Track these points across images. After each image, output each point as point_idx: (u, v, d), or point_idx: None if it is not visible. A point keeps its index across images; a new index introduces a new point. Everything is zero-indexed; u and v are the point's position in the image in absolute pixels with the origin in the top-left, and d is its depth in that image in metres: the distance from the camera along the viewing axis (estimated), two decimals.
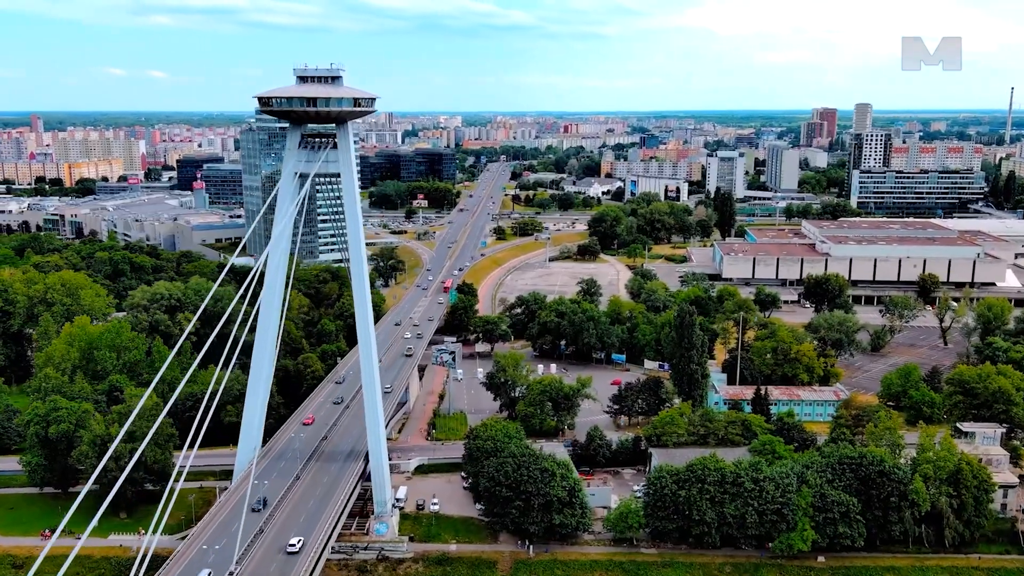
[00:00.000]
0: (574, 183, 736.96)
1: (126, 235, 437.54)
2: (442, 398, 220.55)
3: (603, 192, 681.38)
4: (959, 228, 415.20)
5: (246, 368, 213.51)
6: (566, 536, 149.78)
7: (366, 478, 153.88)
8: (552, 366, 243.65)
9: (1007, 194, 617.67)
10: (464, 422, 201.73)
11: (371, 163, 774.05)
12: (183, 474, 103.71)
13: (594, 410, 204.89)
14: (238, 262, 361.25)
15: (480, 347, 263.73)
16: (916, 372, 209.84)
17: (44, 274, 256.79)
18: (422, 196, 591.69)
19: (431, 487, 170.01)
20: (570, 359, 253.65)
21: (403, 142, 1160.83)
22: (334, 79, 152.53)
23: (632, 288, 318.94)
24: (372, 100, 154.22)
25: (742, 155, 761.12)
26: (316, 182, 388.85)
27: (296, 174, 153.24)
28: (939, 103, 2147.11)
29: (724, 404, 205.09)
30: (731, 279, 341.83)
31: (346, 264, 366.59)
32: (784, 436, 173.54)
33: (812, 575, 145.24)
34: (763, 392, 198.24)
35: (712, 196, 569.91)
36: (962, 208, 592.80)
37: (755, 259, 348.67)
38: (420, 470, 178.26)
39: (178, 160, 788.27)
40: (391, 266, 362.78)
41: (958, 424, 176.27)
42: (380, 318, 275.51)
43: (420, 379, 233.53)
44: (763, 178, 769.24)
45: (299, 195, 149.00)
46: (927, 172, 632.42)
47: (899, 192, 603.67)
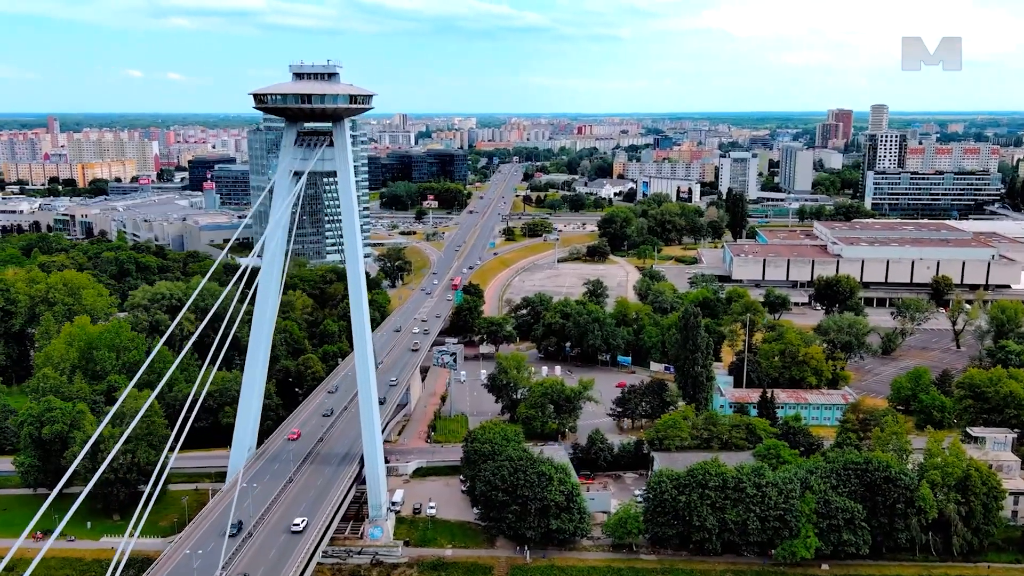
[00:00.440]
0: (586, 184, 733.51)
1: (135, 235, 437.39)
2: (444, 400, 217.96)
3: (615, 193, 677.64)
4: (974, 230, 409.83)
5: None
6: (564, 541, 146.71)
7: (362, 481, 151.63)
8: (556, 368, 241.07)
9: None
10: (465, 424, 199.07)
11: (382, 164, 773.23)
12: (164, 476, 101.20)
13: (598, 413, 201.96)
14: (244, 263, 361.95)
15: (484, 348, 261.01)
16: (926, 375, 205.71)
17: (47, 274, 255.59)
18: (432, 197, 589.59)
19: (429, 490, 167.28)
20: (575, 361, 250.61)
21: (416, 143, 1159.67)
22: (331, 76, 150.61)
23: (640, 289, 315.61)
24: (368, 97, 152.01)
25: (755, 156, 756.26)
26: (324, 182, 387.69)
27: (292, 172, 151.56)
28: (957, 105, 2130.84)
29: (729, 407, 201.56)
30: (741, 281, 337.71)
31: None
32: (790, 440, 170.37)
33: None
34: (769, 395, 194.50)
35: (724, 197, 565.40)
36: (978, 210, 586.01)
37: (765, 260, 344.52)
38: (419, 473, 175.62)
39: (190, 161, 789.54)
40: (398, 267, 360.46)
41: (968, 429, 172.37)
42: (384, 319, 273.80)
43: (422, 381, 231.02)
44: (777, 179, 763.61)
45: (294, 193, 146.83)
46: (942, 173, 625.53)
47: (914, 193, 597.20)
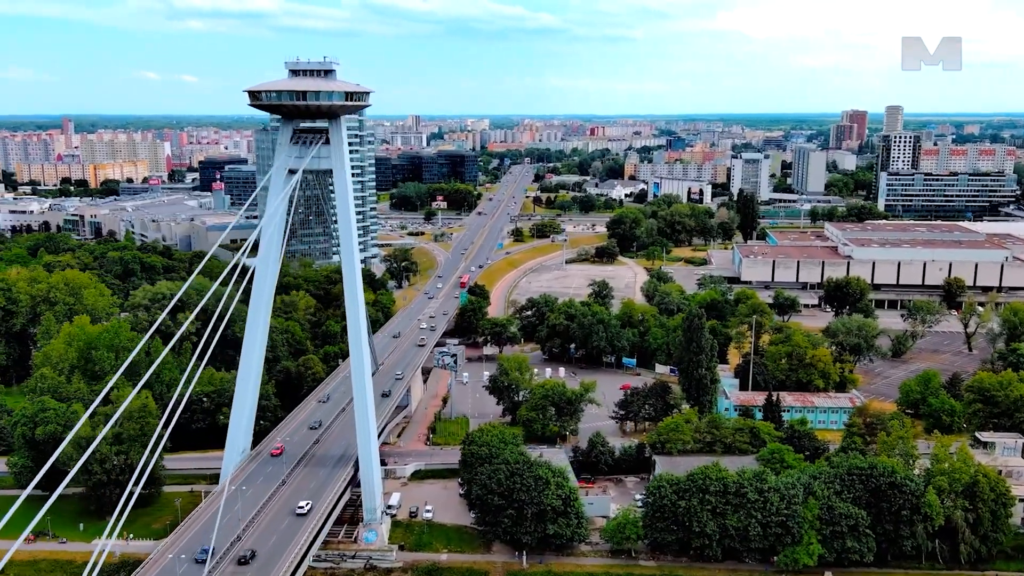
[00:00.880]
0: (596, 185, 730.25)
1: (143, 235, 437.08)
2: (445, 402, 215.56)
3: (626, 194, 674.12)
4: (988, 231, 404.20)
5: None
6: (562, 547, 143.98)
7: (357, 484, 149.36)
8: (560, 370, 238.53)
9: None
10: (466, 426, 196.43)
11: (392, 165, 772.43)
12: (144, 479, 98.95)
13: (600, 415, 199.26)
14: (249, 262, 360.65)
15: (488, 350, 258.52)
16: (936, 379, 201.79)
17: (49, 273, 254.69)
18: (441, 198, 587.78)
19: (426, 494, 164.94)
20: (580, 363, 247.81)
21: (428, 145, 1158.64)
22: (327, 73, 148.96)
23: (647, 291, 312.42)
24: (365, 94, 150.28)
25: (767, 157, 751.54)
26: (331, 182, 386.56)
27: (288, 170, 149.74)
28: (974, 107, 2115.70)
29: (734, 410, 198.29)
30: (750, 282, 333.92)
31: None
32: (794, 444, 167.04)
33: None
34: (775, 398, 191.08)
35: (735, 198, 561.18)
36: (993, 211, 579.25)
37: (775, 262, 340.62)
38: (417, 476, 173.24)
39: (200, 162, 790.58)
40: (404, 268, 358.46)
41: (977, 434, 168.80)
42: (388, 319, 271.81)
43: (424, 382, 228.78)
44: (790, 181, 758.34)
45: (289, 192, 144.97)
46: (957, 174, 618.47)
47: (928, 195, 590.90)
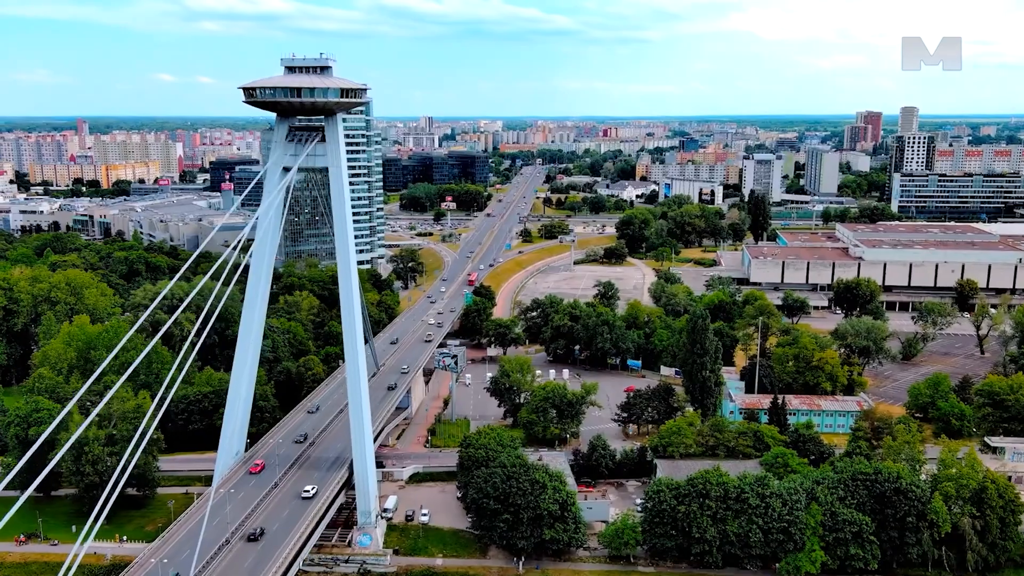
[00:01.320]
0: (607, 186, 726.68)
1: (151, 235, 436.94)
2: (447, 403, 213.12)
3: (637, 195, 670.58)
4: (1002, 232, 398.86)
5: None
6: (559, 552, 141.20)
7: (353, 486, 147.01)
8: (565, 371, 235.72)
9: None
10: (467, 429, 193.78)
11: (403, 165, 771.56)
12: (123, 480, 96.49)
13: (603, 418, 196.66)
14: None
15: (492, 351, 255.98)
16: (946, 382, 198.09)
17: (52, 272, 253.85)
18: (450, 198, 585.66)
19: (424, 497, 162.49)
20: (584, 364, 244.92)
21: (440, 146, 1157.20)
22: (323, 69, 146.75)
23: (655, 292, 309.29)
24: (361, 91, 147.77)
25: (780, 158, 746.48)
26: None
27: (283, 168, 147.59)
28: (990, 108, 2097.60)
29: (739, 413, 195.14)
30: (759, 283, 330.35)
31: (360, 265, 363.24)
32: (799, 448, 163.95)
33: None
34: (780, 401, 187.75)
35: (746, 199, 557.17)
36: (1008, 213, 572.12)
37: (784, 263, 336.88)
38: (415, 478, 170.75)
39: (211, 162, 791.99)
40: (410, 268, 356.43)
41: (986, 439, 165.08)
42: (392, 320, 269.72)
43: (426, 384, 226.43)
44: (802, 182, 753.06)
45: (279, 189, 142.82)
46: (971, 175, 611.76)
47: (942, 196, 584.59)
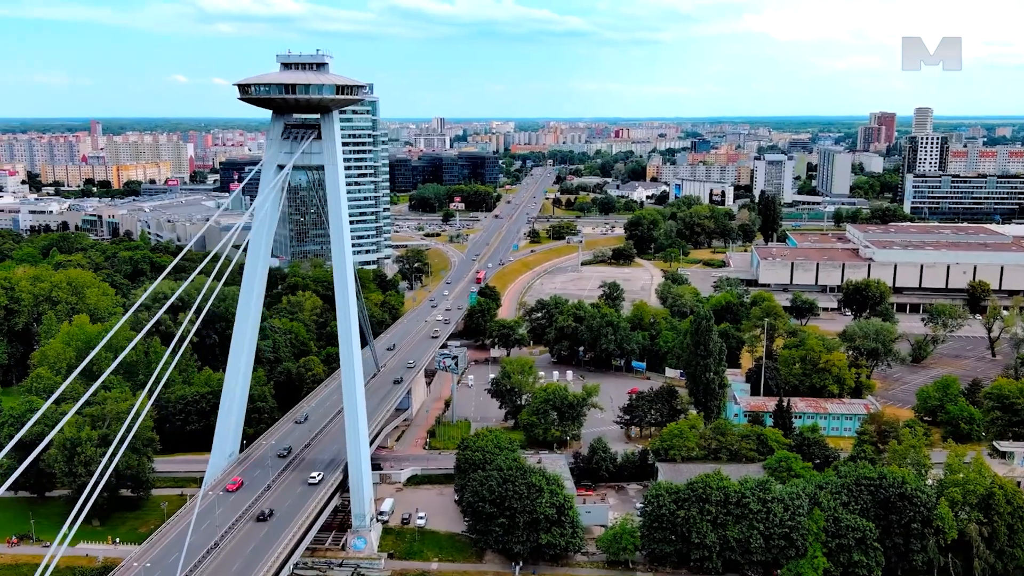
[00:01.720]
0: (618, 187, 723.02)
1: (158, 235, 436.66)
2: (448, 405, 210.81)
3: (647, 196, 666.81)
4: (1016, 234, 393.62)
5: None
6: (556, 556, 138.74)
7: (347, 488, 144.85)
8: (568, 373, 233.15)
9: None
10: (467, 431, 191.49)
11: (413, 166, 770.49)
12: (103, 481, 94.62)
13: (605, 420, 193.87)
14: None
15: (496, 352, 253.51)
16: (955, 385, 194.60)
17: (54, 272, 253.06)
18: (459, 199, 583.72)
19: (421, 499, 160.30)
20: (588, 366, 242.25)
21: (451, 147, 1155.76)
22: (319, 66, 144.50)
23: (661, 293, 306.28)
24: (357, 88, 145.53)
25: (791, 159, 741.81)
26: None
27: (279, 166, 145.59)
28: (1008, 109, 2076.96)
29: (744, 416, 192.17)
30: (768, 285, 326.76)
31: (366, 266, 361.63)
32: (803, 452, 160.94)
33: None
34: (785, 404, 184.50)
35: (757, 200, 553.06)
36: (1022, 214, 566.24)
37: (793, 264, 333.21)
38: (412, 481, 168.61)
39: (221, 163, 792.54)
40: (416, 269, 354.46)
41: (996, 443, 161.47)
42: (396, 320, 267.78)
43: (428, 385, 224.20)
44: (815, 183, 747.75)
45: (272, 186, 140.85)
46: (985, 176, 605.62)
47: (955, 197, 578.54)
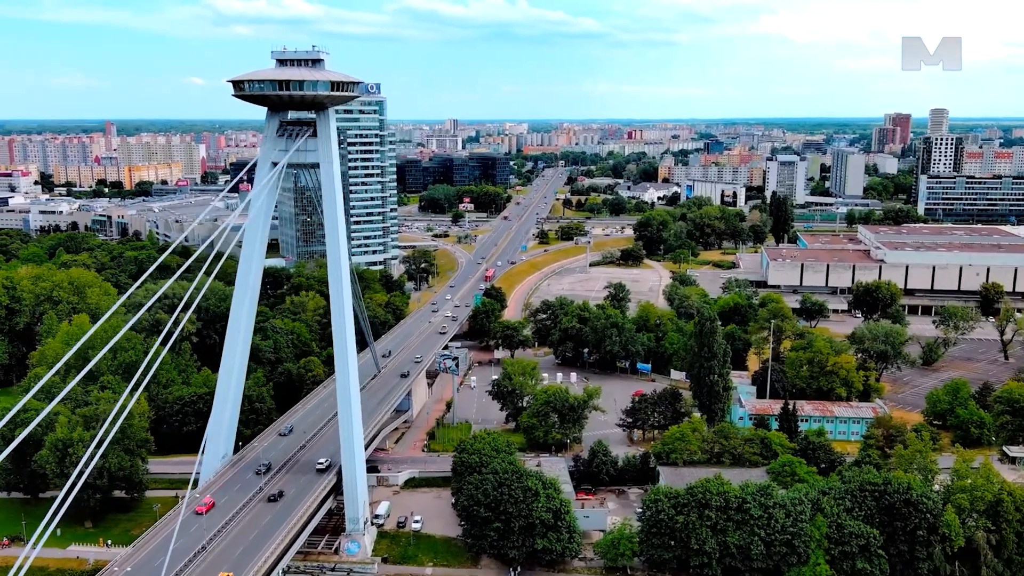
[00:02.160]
0: (629, 188, 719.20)
1: (166, 235, 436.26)
2: (450, 406, 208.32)
3: (658, 197, 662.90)
4: None
5: (247, 371, 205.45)
6: (553, 562, 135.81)
7: (341, 491, 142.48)
8: (572, 374, 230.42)
9: None
10: (468, 433, 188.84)
11: (423, 167, 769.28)
12: (82, 481, 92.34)
13: (608, 423, 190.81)
14: (267, 263, 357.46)
15: (500, 353, 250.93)
16: (966, 388, 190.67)
17: (56, 272, 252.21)
18: (468, 200, 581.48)
19: (418, 503, 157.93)
20: (593, 367, 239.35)
21: (464, 148, 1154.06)
22: (315, 62, 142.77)
23: (669, 294, 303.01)
24: (353, 84, 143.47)
25: (804, 159, 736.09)
26: (349, 180, 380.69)
27: (273, 163, 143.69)
28: None
29: (749, 419, 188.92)
30: (778, 286, 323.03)
31: (373, 266, 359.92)
32: (808, 456, 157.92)
33: None
34: (791, 407, 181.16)
35: (769, 201, 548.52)
36: None
37: (803, 265, 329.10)
38: (410, 483, 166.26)
39: (231, 164, 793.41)
40: (423, 269, 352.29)
41: (1005, 448, 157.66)
42: (400, 320, 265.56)
43: (429, 387, 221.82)
44: (828, 184, 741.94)
45: (265, 183, 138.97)
46: (1000, 178, 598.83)
47: (970, 198, 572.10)
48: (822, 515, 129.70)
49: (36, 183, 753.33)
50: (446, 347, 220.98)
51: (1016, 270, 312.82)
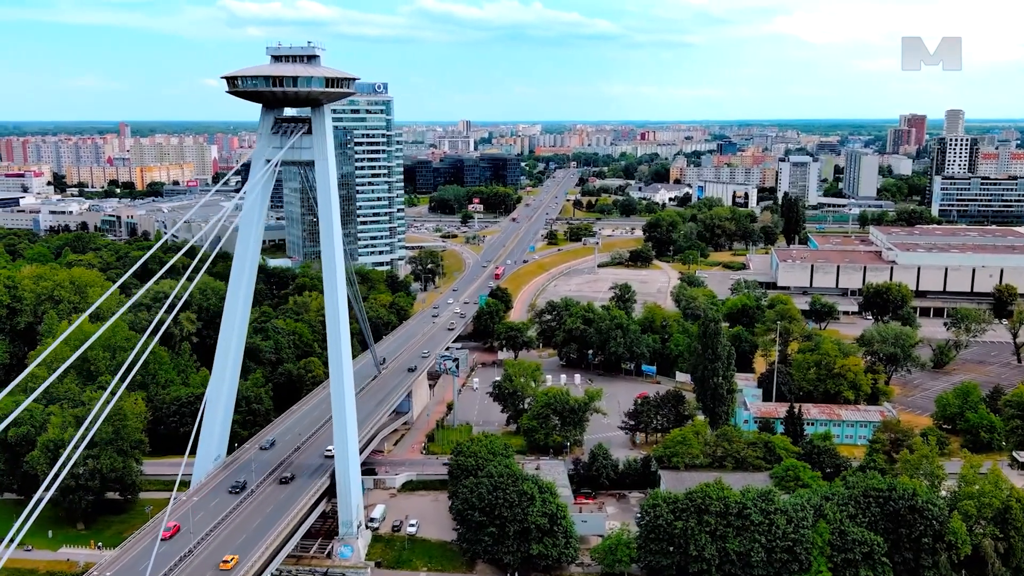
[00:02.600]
0: (640, 189, 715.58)
1: (175, 235, 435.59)
2: (451, 408, 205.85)
3: (669, 198, 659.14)
4: None
5: (247, 372, 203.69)
6: (549, 567, 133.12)
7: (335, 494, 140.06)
8: (576, 376, 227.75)
9: None
10: (468, 435, 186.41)
11: (434, 168, 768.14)
12: (58, 482, 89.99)
13: (611, 426, 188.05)
14: (274, 263, 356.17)
15: (504, 355, 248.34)
16: (976, 392, 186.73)
17: (58, 271, 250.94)
18: (477, 200, 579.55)
19: (414, 506, 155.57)
20: (598, 369, 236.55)
21: (475, 149, 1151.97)
22: (310, 59, 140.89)
23: (676, 295, 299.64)
24: (348, 81, 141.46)
25: (816, 160, 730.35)
26: (356, 181, 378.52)
27: (267, 161, 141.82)
28: None
29: (754, 423, 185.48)
30: (788, 287, 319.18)
31: (380, 267, 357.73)
32: (813, 461, 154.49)
33: None
34: (797, 410, 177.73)
35: (780, 202, 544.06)
36: None
37: (813, 266, 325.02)
38: (407, 486, 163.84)
39: (242, 164, 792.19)
40: (429, 270, 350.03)
41: (1015, 453, 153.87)
42: (404, 321, 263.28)
43: (431, 388, 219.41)
44: (841, 185, 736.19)
45: (258, 180, 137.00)
46: (1016, 178, 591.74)
47: (985, 199, 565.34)
48: (825, 521, 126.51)
49: (49, 184, 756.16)
50: (447, 348, 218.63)
51: None
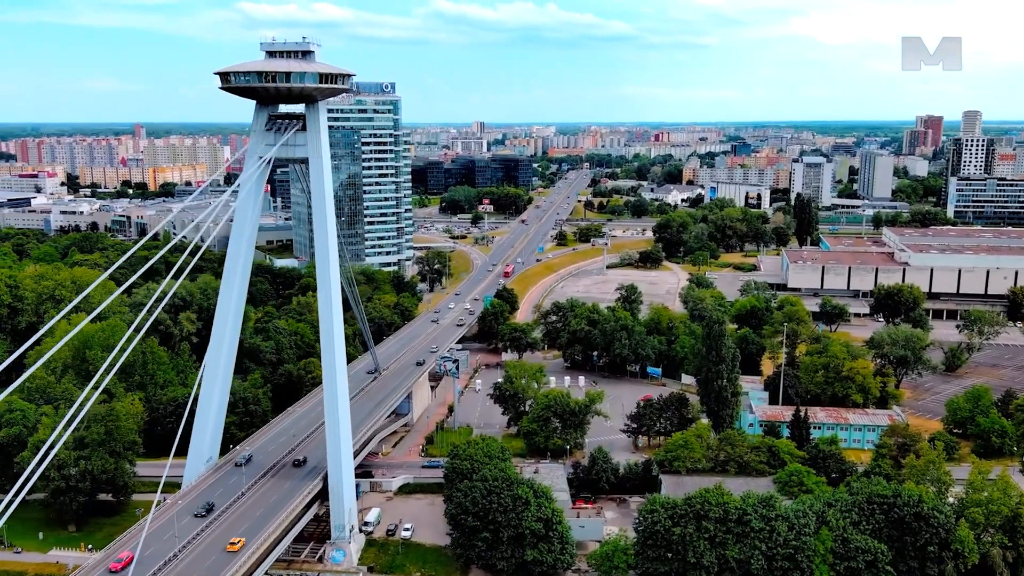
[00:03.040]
0: (652, 190, 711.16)
1: (184, 236, 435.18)
2: (451, 410, 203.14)
3: (682, 199, 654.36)
4: None
5: (247, 372, 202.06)
6: (544, 573, 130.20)
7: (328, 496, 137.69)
8: (580, 378, 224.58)
9: None
10: (468, 438, 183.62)
11: (445, 169, 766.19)
12: (31, 484, 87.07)
13: (613, 429, 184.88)
14: (280, 263, 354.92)
15: (508, 356, 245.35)
16: (987, 396, 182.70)
17: (60, 270, 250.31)
18: (487, 201, 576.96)
19: (410, 509, 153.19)
20: (602, 371, 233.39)
21: (489, 150, 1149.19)
22: (305, 54, 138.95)
23: (684, 297, 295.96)
24: (343, 77, 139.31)
25: (830, 161, 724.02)
26: (363, 182, 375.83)
27: (261, 158, 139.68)
28: None
29: (759, 426, 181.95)
30: (798, 289, 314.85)
31: (387, 267, 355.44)
32: (818, 466, 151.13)
33: None
34: (803, 414, 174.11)
35: (793, 203, 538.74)
36: None
37: (824, 268, 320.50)
38: (404, 489, 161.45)
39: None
40: (436, 271, 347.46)
41: None
42: (408, 322, 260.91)
43: (432, 390, 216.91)
44: (856, 186, 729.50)
45: (251, 177, 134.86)
46: None
47: (1001, 201, 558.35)
48: (827, 528, 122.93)
49: (62, 184, 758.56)
50: (449, 350, 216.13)
51: None
